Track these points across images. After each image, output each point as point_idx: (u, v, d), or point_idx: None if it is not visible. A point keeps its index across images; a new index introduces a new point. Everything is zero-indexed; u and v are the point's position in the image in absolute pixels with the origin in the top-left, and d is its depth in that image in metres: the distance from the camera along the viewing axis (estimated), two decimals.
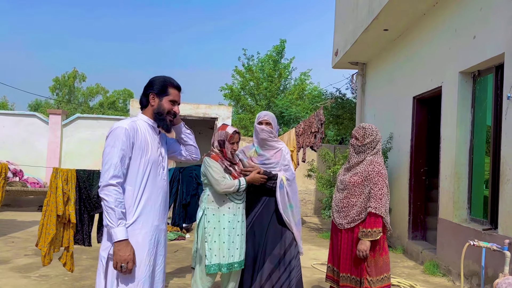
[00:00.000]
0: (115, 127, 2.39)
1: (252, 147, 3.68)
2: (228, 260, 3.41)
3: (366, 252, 3.09)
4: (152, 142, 2.49)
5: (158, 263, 2.48)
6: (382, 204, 3.11)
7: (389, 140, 7.89)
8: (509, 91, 4.54)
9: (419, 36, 7.03)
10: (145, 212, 2.39)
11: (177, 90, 2.58)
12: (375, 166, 3.19)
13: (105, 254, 2.35)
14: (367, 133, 3.26)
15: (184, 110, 10.19)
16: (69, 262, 3.78)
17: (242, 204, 3.51)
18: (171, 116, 2.56)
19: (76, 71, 38.14)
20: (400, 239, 7.30)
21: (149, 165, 2.43)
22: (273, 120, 3.64)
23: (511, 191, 4.43)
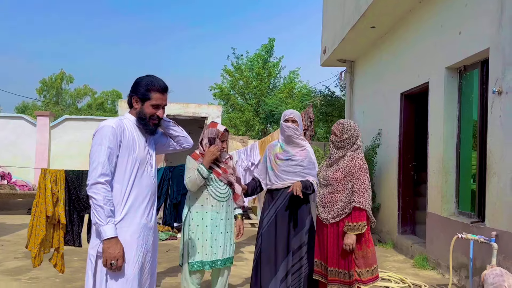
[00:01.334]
0: (101, 125, 2.38)
1: (277, 144, 3.74)
2: (211, 257, 3.43)
3: (353, 246, 3.15)
4: (139, 140, 2.48)
5: (146, 260, 2.48)
6: (365, 198, 3.18)
7: (378, 136, 7.96)
8: (494, 85, 4.61)
9: (406, 33, 7.10)
10: (133, 210, 2.39)
11: (161, 93, 2.50)
12: (356, 162, 3.25)
13: (93, 252, 2.34)
14: (345, 129, 3.33)
15: (173, 110, 10.18)
16: (59, 263, 3.76)
17: (225, 202, 3.52)
18: (155, 120, 2.51)
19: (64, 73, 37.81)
20: (390, 233, 7.37)
21: (137, 163, 2.43)
22: (299, 118, 3.72)
23: (497, 184, 4.51)
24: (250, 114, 21.83)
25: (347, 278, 3.21)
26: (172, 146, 2.78)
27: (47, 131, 11.14)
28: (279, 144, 3.73)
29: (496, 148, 4.55)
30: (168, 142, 2.76)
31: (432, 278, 5.38)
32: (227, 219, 3.55)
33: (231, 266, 3.64)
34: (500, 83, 4.52)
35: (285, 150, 3.67)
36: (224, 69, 23.13)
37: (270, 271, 3.57)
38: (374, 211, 7.93)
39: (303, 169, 3.65)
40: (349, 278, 3.19)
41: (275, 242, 3.59)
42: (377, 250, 6.89)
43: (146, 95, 2.47)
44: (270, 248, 3.59)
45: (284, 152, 3.66)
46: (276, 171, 3.64)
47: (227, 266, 3.57)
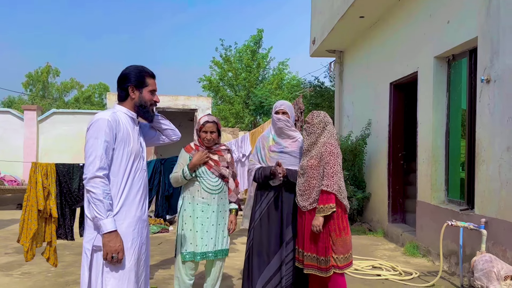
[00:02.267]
0: (96, 118, 2.36)
1: (269, 136, 3.72)
2: (202, 249, 3.44)
3: (319, 227, 3.25)
4: (132, 133, 2.49)
5: (142, 252, 2.49)
6: (334, 182, 3.28)
7: (368, 126, 8.01)
8: (483, 74, 4.66)
9: (395, 23, 7.12)
10: (128, 203, 2.40)
11: (154, 79, 2.57)
12: (327, 147, 3.38)
13: (89, 246, 2.33)
14: (315, 115, 3.50)
15: (162, 102, 10.10)
16: (52, 257, 3.74)
17: (217, 194, 3.50)
18: (154, 106, 2.57)
19: (50, 66, 37.31)
20: (381, 222, 7.45)
21: (132, 156, 2.43)
22: (290, 110, 3.69)
23: (486, 172, 4.57)
24: (240, 105, 21.78)
25: (323, 264, 3.29)
26: (161, 139, 2.80)
27: (35, 125, 11.00)
28: (271, 136, 3.72)
29: (485, 136, 4.61)
30: (157, 136, 2.77)
31: (422, 266, 5.46)
32: (220, 211, 3.52)
33: (225, 258, 3.62)
34: (488, 71, 4.57)
35: (277, 142, 3.66)
36: (212, 60, 23.00)
37: (263, 262, 3.58)
38: (365, 200, 8.01)
39: (295, 159, 3.66)
40: (326, 264, 3.28)
41: (268, 234, 3.60)
42: (368, 239, 7.01)
43: (143, 82, 2.50)
44: (263, 240, 3.60)
45: (276, 144, 3.66)
46: (269, 163, 3.64)
47: (220, 258, 3.56)
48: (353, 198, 7.69)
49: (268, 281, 3.54)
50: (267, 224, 3.61)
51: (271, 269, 3.56)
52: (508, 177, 4.20)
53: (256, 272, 3.58)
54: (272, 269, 3.56)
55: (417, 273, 5.02)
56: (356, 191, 7.86)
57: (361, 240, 6.94)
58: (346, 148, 7.78)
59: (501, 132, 4.33)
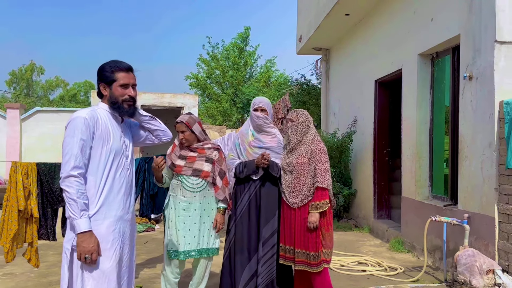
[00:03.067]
0: (74, 116, 2.33)
1: (248, 132, 3.72)
2: (184, 248, 3.42)
3: (316, 224, 3.32)
4: (114, 131, 2.43)
5: (124, 253, 2.44)
6: (327, 178, 3.38)
7: (353, 123, 8.05)
8: (465, 71, 4.71)
9: (380, 20, 7.16)
10: (107, 202, 2.35)
11: (125, 72, 2.44)
12: (317, 145, 3.47)
13: (68, 246, 2.30)
14: (299, 114, 3.58)
15: (148, 100, 10.03)
16: (33, 257, 3.69)
17: (198, 193, 3.46)
18: (129, 101, 2.45)
19: (34, 64, 36.78)
20: (366, 218, 7.51)
21: (111, 154, 2.38)
22: (268, 107, 3.73)
23: (469, 168, 4.63)
24: (227, 103, 21.73)
25: (313, 259, 3.34)
26: (150, 140, 2.73)
27: (18, 124, 10.83)
28: (250, 132, 3.72)
29: (468, 133, 4.66)
30: (146, 136, 2.71)
31: (407, 261, 5.51)
32: (204, 209, 3.48)
33: (211, 256, 3.56)
34: (471, 68, 4.62)
35: (257, 138, 3.69)
36: (199, 58, 22.89)
37: (245, 260, 3.59)
38: (351, 197, 8.06)
39: (276, 154, 3.69)
40: (316, 259, 3.34)
41: (248, 231, 3.61)
42: (354, 235, 7.05)
43: (111, 78, 2.42)
44: (244, 238, 3.60)
45: (256, 140, 3.68)
46: (250, 158, 3.64)
47: (205, 257, 3.52)
48: (340, 195, 7.73)
49: (250, 279, 3.55)
50: (247, 221, 3.62)
51: (252, 267, 3.58)
52: (490, 173, 4.26)
53: (239, 269, 3.58)
54: (253, 268, 3.58)
55: (402, 269, 5.07)
56: (343, 188, 7.90)
57: (347, 236, 6.98)
58: (333, 145, 7.82)
59: (483, 128, 4.39)
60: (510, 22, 4.21)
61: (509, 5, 4.21)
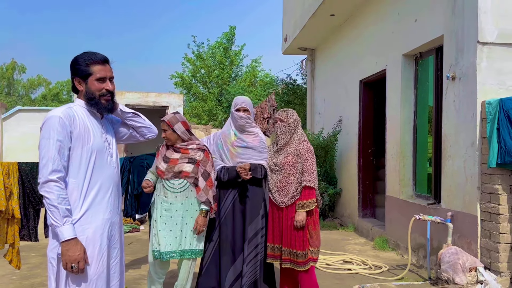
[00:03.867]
0: (48, 116, 2.17)
1: (229, 132, 3.70)
2: (165, 248, 3.38)
3: (303, 222, 3.35)
4: (93, 128, 2.28)
5: (113, 257, 2.33)
6: (314, 177, 3.42)
7: (339, 123, 8.10)
8: (448, 71, 4.77)
9: (364, 21, 7.21)
10: (94, 205, 2.22)
11: (101, 65, 2.27)
12: (304, 144, 3.50)
13: (53, 255, 2.17)
14: (289, 114, 3.60)
15: (132, 99, 9.93)
16: (15, 259, 3.61)
17: (180, 193, 3.42)
18: (107, 96, 2.29)
19: (15, 63, 36.13)
20: (351, 217, 7.56)
21: (93, 153, 2.24)
22: (250, 107, 3.72)
23: (452, 167, 4.69)
24: (213, 103, 21.66)
25: (301, 258, 3.37)
26: (134, 137, 2.59)
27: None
28: (232, 132, 3.71)
29: (451, 132, 4.73)
30: (129, 133, 2.56)
31: (392, 259, 5.57)
32: (186, 210, 3.43)
33: (195, 258, 3.50)
34: (454, 69, 4.68)
35: (240, 137, 3.67)
36: (185, 57, 22.77)
37: (230, 261, 3.58)
38: (336, 196, 8.10)
39: (259, 153, 3.68)
40: (303, 258, 3.37)
41: (232, 232, 3.60)
42: (339, 234, 7.09)
43: (87, 71, 2.25)
44: (228, 238, 3.59)
45: (239, 140, 3.67)
46: (234, 158, 3.63)
47: (188, 258, 3.46)
48: (325, 194, 7.77)
49: (235, 280, 3.54)
50: (232, 222, 3.60)
51: (237, 267, 3.57)
52: (473, 172, 4.32)
53: (224, 270, 3.57)
54: (238, 268, 3.57)
55: (386, 267, 5.12)
56: (328, 187, 7.94)
57: (332, 235, 7.02)
58: (318, 144, 7.85)
59: (466, 128, 4.45)
60: (492, 24, 4.28)
61: (491, 6, 4.28)
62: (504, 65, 4.30)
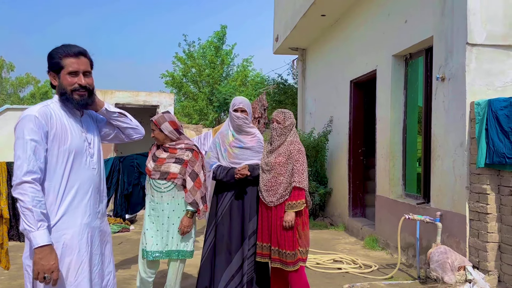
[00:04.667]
0: (23, 115, 2.05)
1: (228, 132, 3.69)
2: (152, 248, 3.37)
3: (292, 223, 3.36)
4: (71, 127, 2.15)
5: (94, 264, 2.19)
6: (304, 178, 3.43)
7: (329, 123, 8.13)
8: (438, 72, 4.81)
9: (355, 21, 7.25)
10: (71, 209, 2.09)
11: (74, 57, 2.12)
12: (295, 145, 3.51)
13: (29, 262, 2.02)
14: (287, 117, 3.60)
15: (123, 98, 9.87)
16: (4, 259, 3.57)
17: (166, 193, 3.40)
18: (79, 91, 2.14)
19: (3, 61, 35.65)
20: (341, 217, 7.60)
21: (71, 154, 2.11)
22: (248, 107, 3.72)
23: (441, 167, 4.74)
24: (204, 102, 21.61)
25: (290, 258, 3.38)
26: (120, 138, 2.47)
27: None
28: (230, 132, 3.71)
29: (440, 133, 4.77)
30: (115, 133, 2.43)
31: (381, 258, 5.61)
32: (173, 210, 3.41)
33: (183, 259, 3.49)
34: (443, 70, 4.73)
35: (237, 138, 3.68)
36: (175, 56, 22.68)
37: (226, 261, 3.57)
38: (326, 196, 8.14)
39: (256, 153, 3.70)
40: (293, 258, 3.38)
41: (229, 231, 3.59)
42: (330, 233, 7.12)
43: (58, 65, 2.12)
44: (225, 238, 3.59)
45: (236, 141, 3.67)
46: (232, 159, 3.63)
47: (175, 259, 3.44)
48: (315, 194, 7.80)
49: (231, 279, 3.53)
50: (229, 221, 3.60)
51: (233, 267, 3.56)
52: (461, 172, 4.37)
53: (218, 271, 3.56)
54: (234, 267, 3.56)
55: (376, 266, 5.15)
56: (318, 187, 7.97)
57: (323, 234, 7.05)
58: (309, 144, 7.88)
59: (455, 128, 4.50)
60: (481, 25, 4.33)
61: (480, 8, 4.33)
62: (493, 66, 4.35)
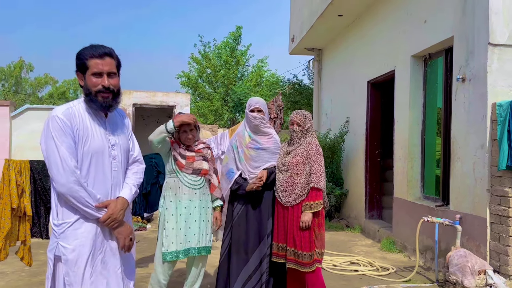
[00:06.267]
0: (50, 117, 2.11)
1: (244, 133, 3.71)
2: (185, 246, 3.42)
3: (308, 223, 3.35)
4: (94, 129, 2.16)
5: (111, 262, 2.25)
6: (322, 179, 3.41)
7: (346, 124, 8.09)
8: (458, 73, 4.75)
9: (373, 21, 7.20)
10: None
11: (99, 58, 2.12)
12: (313, 146, 3.50)
13: (51, 255, 2.11)
14: (307, 119, 3.59)
15: (140, 98, 9.99)
16: (26, 256, 3.65)
17: (199, 190, 3.48)
18: (104, 93, 2.14)
19: (23, 61, 36.33)
20: (358, 218, 7.55)
21: (89, 156, 2.12)
22: (264, 107, 3.72)
23: (461, 169, 4.67)
24: (219, 102, 21.69)
25: (307, 259, 3.36)
26: None
27: (8, 121, 10.69)
28: (247, 133, 3.71)
29: (460, 134, 4.71)
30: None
31: (399, 261, 5.55)
32: (202, 207, 3.50)
33: (207, 256, 3.58)
34: (464, 70, 4.67)
35: (254, 139, 3.67)
36: (191, 57, 22.82)
37: (242, 261, 3.57)
38: (342, 197, 8.10)
39: (272, 155, 3.69)
40: (309, 259, 3.36)
41: (246, 232, 3.60)
42: (346, 235, 7.08)
43: (84, 66, 2.13)
44: (241, 238, 3.60)
45: (253, 141, 3.67)
46: (249, 161, 3.63)
47: (203, 255, 3.53)
48: (331, 195, 7.76)
49: (248, 279, 3.53)
50: (245, 221, 3.60)
51: (250, 267, 3.56)
52: (482, 174, 4.30)
53: (234, 271, 3.57)
54: (252, 267, 3.56)
55: (393, 269, 5.11)
56: (334, 188, 7.93)
57: (338, 236, 7.01)
58: (325, 145, 7.85)
59: (475, 130, 4.43)
60: (504, 25, 4.26)
61: (503, 7, 4.26)
62: None
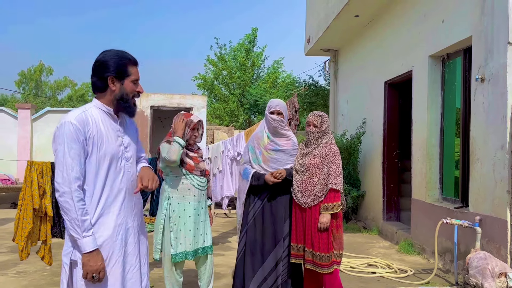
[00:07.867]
0: (62, 122, 2.10)
1: (263, 135, 3.73)
2: (194, 247, 3.51)
3: (327, 225, 3.34)
4: (107, 132, 2.17)
5: (132, 264, 2.24)
6: (340, 180, 3.41)
7: (363, 125, 8.03)
8: (477, 73, 4.69)
9: (390, 22, 7.14)
10: (106, 213, 2.14)
11: (136, 66, 2.24)
12: (331, 147, 3.50)
13: (67, 260, 2.11)
14: (324, 120, 3.58)
15: (157, 101, 10.10)
16: (47, 255, 3.73)
17: (205, 191, 3.65)
18: (137, 97, 2.29)
19: (43, 64, 37.04)
20: (375, 220, 7.49)
21: (106, 160, 2.14)
22: (284, 110, 3.73)
23: (480, 170, 4.60)
24: (234, 104, 21.78)
25: (325, 260, 3.36)
26: None
27: (29, 124, 10.93)
28: (265, 135, 3.72)
29: (479, 135, 4.64)
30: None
31: (417, 263, 5.49)
32: (205, 208, 3.67)
33: (212, 254, 3.72)
34: (483, 70, 4.60)
35: (273, 140, 3.68)
36: (207, 59, 22.96)
37: (257, 262, 3.58)
38: (359, 199, 8.04)
39: (291, 157, 3.69)
40: (328, 261, 3.35)
41: (262, 233, 3.60)
42: (363, 237, 7.04)
43: (125, 72, 2.18)
44: (257, 240, 3.60)
45: (272, 143, 3.68)
46: (266, 163, 3.64)
47: (209, 254, 3.65)
48: (348, 196, 7.72)
49: (263, 281, 3.54)
50: (261, 223, 3.61)
51: (265, 268, 3.56)
52: (502, 175, 4.23)
53: (249, 272, 3.57)
54: (267, 269, 3.56)
55: (412, 271, 5.06)
56: (351, 189, 7.89)
57: (356, 238, 6.97)
58: (341, 146, 7.81)
59: (495, 130, 4.36)
60: None
61: None
62: None
